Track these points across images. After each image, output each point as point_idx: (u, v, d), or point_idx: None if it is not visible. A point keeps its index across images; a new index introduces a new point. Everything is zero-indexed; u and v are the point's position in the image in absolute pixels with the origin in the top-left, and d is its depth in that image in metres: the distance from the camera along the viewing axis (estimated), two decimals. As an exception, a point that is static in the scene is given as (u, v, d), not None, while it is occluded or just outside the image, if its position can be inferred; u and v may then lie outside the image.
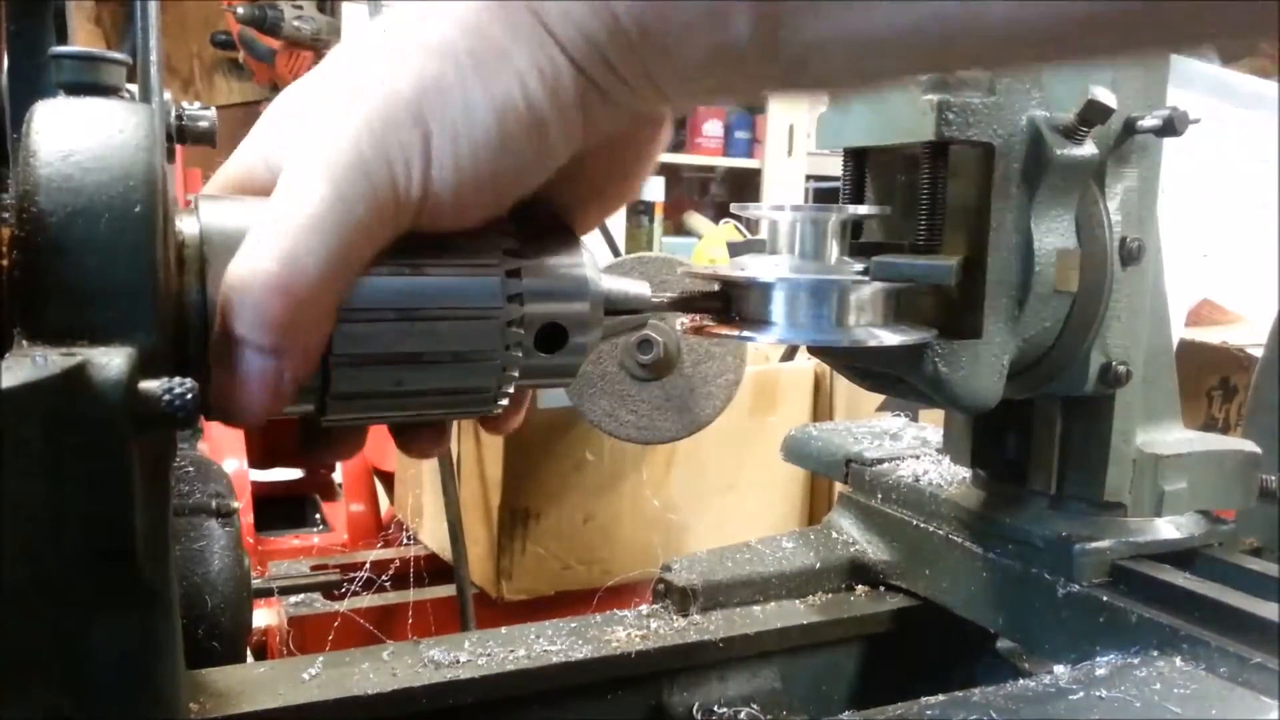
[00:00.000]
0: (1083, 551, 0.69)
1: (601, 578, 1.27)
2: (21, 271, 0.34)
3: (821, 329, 0.56)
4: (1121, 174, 0.69)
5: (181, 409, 0.32)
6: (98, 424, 0.31)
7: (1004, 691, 0.61)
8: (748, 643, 0.76)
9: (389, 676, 0.65)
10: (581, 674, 0.70)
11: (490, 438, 1.30)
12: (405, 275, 0.40)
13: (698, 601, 0.78)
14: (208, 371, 0.38)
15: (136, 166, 0.36)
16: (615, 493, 1.32)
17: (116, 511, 0.32)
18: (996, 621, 0.76)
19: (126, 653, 0.35)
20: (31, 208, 0.34)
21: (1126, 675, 0.61)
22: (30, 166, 0.35)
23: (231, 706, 0.61)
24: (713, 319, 0.57)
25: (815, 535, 0.88)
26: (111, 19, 3.30)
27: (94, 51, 0.40)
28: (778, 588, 0.82)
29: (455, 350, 0.42)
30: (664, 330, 0.93)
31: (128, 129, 0.37)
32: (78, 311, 0.34)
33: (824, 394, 1.46)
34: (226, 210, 0.41)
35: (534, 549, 1.30)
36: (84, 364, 0.31)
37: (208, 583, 0.71)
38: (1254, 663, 0.60)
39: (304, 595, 1.33)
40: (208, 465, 0.81)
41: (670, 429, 0.97)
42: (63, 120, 0.36)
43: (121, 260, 0.35)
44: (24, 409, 0.28)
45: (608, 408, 0.96)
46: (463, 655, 0.68)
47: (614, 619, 0.76)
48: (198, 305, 0.39)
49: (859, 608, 0.82)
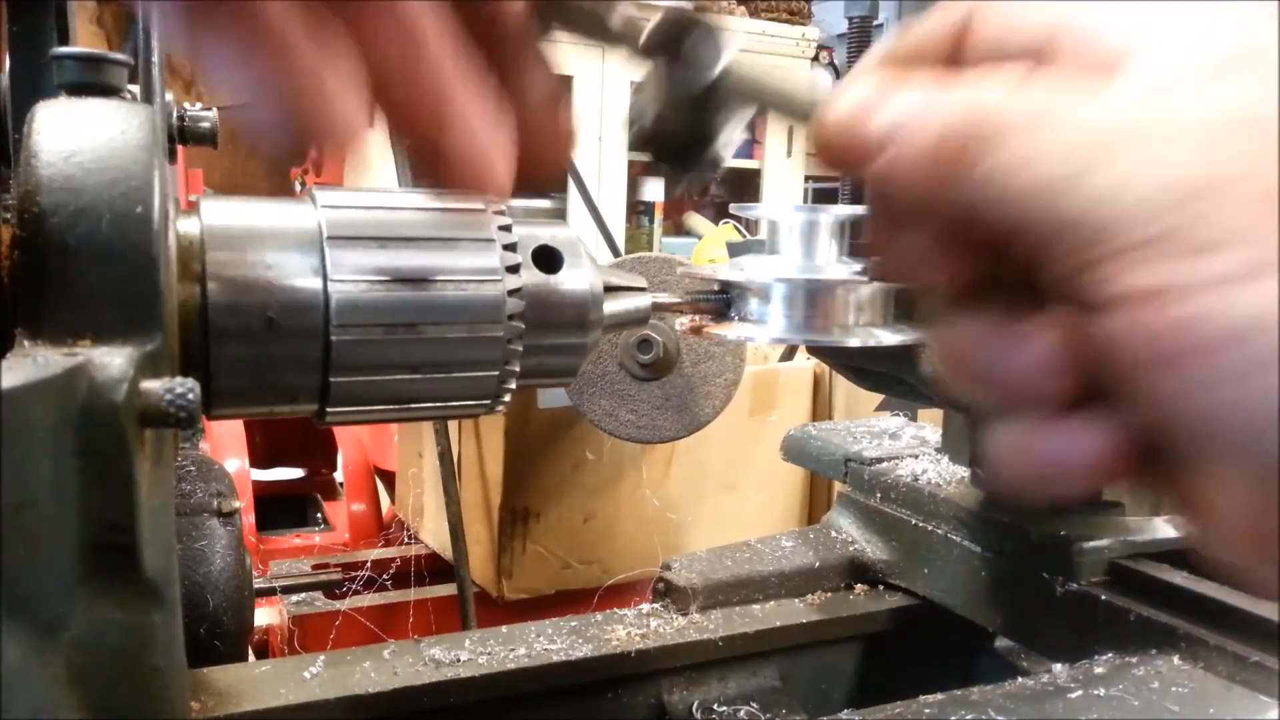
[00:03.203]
0: (1081, 550, 0.70)
1: (601, 577, 1.27)
2: (23, 272, 0.35)
3: (820, 329, 0.56)
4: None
5: (183, 408, 0.32)
6: (99, 424, 0.31)
7: (1002, 690, 0.61)
8: (747, 641, 0.76)
9: (390, 675, 0.65)
10: (582, 673, 0.70)
11: (490, 438, 1.30)
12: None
13: (697, 600, 0.78)
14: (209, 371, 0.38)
15: (138, 167, 0.36)
16: (615, 492, 1.33)
17: (119, 511, 0.33)
18: (995, 620, 0.76)
19: (128, 650, 0.35)
20: (33, 208, 0.35)
21: (1125, 674, 0.61)
22: (32, 167, 0.35)
23: (233, 705, 0.61)
24: (712, 319, 0.57)
25: (814, 534, 0.88)
26: (113, 20, 3.30)
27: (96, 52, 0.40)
28: (777, 587, 0.82)
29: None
30: (664, 330, 0.93)
31: (129, 130, 0.37)
32: (79, 312, 0.34)
33: (823, 394, 1.46)
34: (227, 210, 0.41)
35: (534, 548, 1.30)
36: (85, 364, 0.31)
37: (210, 582, 0.72)
38: (1252, 661, 0.60)
39: (305, 594, 1.33)
40: (209, 465, 0.81)
41: (670, 428, 0.98)
42: (64, 121, 0.36)
43: (123, 260, 0.35)
44: (25, 409, 0.29)
45: (608, 407, 0.96)
46: (463, 654, 0.68)
47: (614, 618, 0.76)
48: (199, 305, 0.39)
49: (858, 607, 0.82)
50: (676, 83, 0.33)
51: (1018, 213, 0.25)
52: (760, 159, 3.89)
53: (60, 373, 0.30)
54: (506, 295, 0.42)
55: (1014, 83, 0.26)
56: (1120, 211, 0.23)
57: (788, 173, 3.83)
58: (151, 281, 0.35)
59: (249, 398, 0.41)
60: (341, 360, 0.40)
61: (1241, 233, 0.23)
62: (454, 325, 0.42)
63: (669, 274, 0.90)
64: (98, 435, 0.31)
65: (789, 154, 3.86)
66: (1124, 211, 0.23)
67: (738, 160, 3.93)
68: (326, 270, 0.40)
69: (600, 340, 0.48)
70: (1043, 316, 0.27)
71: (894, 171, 0.27)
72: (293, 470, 2.25)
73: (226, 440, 1.76)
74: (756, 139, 3.92)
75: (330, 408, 0.42)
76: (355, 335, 0.40)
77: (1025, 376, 0.27)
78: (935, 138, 0.26)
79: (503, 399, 0.45)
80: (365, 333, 0.40)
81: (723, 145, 0.38)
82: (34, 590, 0.30)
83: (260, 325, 0.39)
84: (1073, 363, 0.27)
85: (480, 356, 0.43)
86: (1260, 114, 0.23)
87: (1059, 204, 0.24)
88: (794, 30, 3.77)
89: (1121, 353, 0.25)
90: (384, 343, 0.41)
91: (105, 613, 0.34)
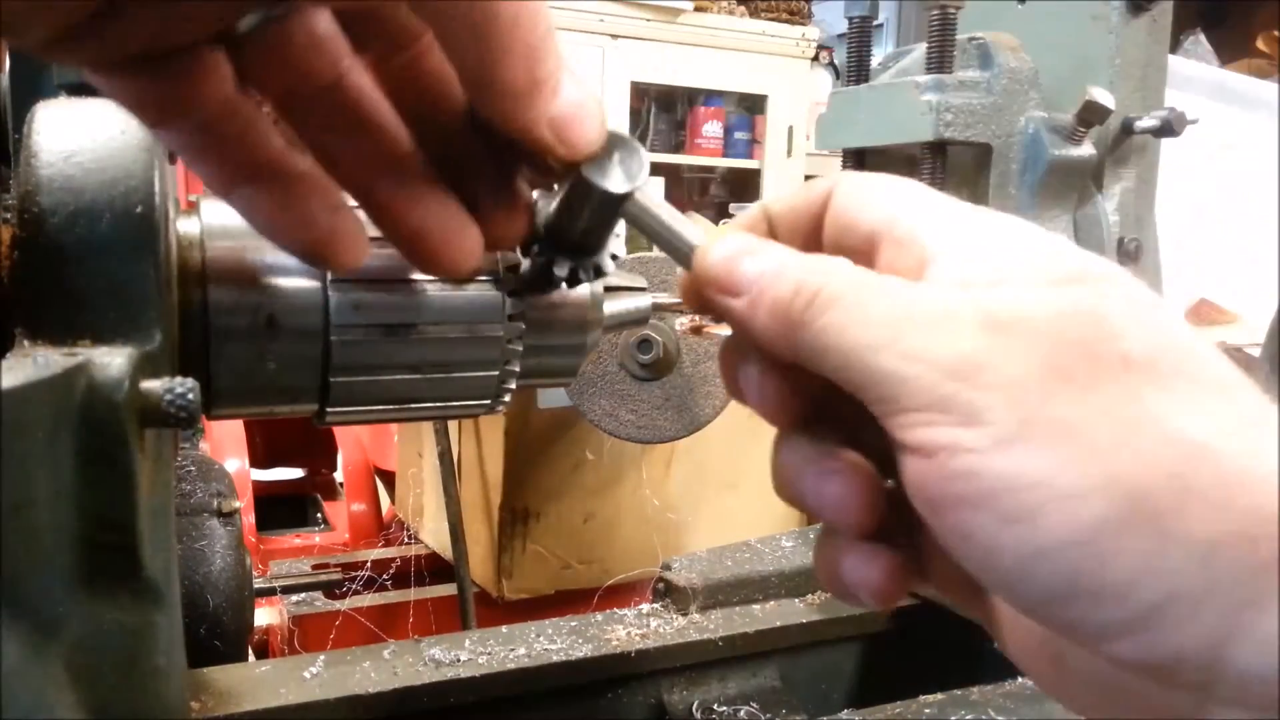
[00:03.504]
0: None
1: (601, 577, 1.27)
2: (23, 272, 0.35)
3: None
4: (1119, 174, 0.70)
5: (183, 408, 0.32)
6: (99, 423, 0.31)
7: (1002, 690, 0.61)
8: (747, 641, 0.76)
9: (390, 675, 0.65)
10: (582, 673, 0.70)
11: (490, 438, 1.30)
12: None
13: (697, 600, 0.78)
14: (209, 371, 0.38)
15: (137, 167, 0.36)
16: (615, 492, 1.33)
17: (119, 510, 0.33)
18: (995, 620, 0.76)
19: (128, 650, 0.35)
20: (33, 208, 0.35)
21: (1124, 674, 0.61)
22: (32, 167, 0.35)
23: (233, 705, 0.61)
24: (712, 319, 0.57)
25: (815, 534, 0.88)
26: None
27: (95, 53, 0.40)
28: (777, 587, 0.82)
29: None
30: (664, 330, 0.93)
31: (129, 130, 0.37)
32: (79, 311, 0.35)
33: (824, 394, 1.45)
34: (227, 210, 0.41)
35: (534, 548, 1.30)
36: (85, 364, 0.31)
37: (210, 582, 0.72)
38: (1252, 661, 0.60)
39: (305, 594, 1.33)
40: (209, 465, 0.81)
41: (670, 428, 0.98)
42: (64, 121, 0.37)
43: (122, 260, 0.35)
44: (25, 409, 0.29)
45: (608, 407, 0.96)
46: (463, 654, 0.68)
47: (614, 618, 0.76)
48: (199, 305, 0.39)
49: (858, 607, 0.82)
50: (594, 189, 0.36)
51: (840, 363, 0.31)
52: (760, 159, 3.89)
53: (60, 373, 0.30)
54: (506, 295, 0.42)
55: (848, 264, 0.32)
56: (911, 378, 0.29)
57: (787, 173, 3.83)
58: (151, 281, 0.35)
59: (249, 398, 0.41)
60: (341, 360, 0.40)
61: (990, 410, 0.28)
62: (454, 325, 0.42)
63: (669, 274, 0.90)
64: (98, 435, 0.31)
65: (789, 154, 3.86)
66: (913, 378, 0.29)
67: (738, 160, 3.93)
68: (326, 270, 0.40)
69: (600, 340, 0.48)
70: (848, 460, 0.34)
71: (753, 312, 0.33)
72: (293, 470, 2.25)
73: (226, 440, 1.76)
74: (756, 139, 3.92)
75: (330, 408, 0.42)
76: (355, 335, 0.40)
77: (827, 506, 0.34)
78: (788, 291, 0.32)
79: (503, 399, 0.45)
80: (365, 333, 0.40)
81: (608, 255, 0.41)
82: (34, 590, 0.30)
83: (260, 325, 0.39)
84: (870, 502, 0.33)
85: (480, 356, 0.43)
86: (1018, 315, 0.29)
87: (869, 363, 0.30)
88: (794, 30, 3.78)
89: (916, 492, 0.30)
90: (384, 343, 0.41)
91: (105, 613, 0.34)
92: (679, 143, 3.92)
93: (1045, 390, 0.28)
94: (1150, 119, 0.68)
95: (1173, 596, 0.27)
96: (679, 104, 3.92)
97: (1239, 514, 0.27)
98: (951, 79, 0.67)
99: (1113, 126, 0.68)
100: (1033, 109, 0.65)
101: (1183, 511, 0.27)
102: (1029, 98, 0.65)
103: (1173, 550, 0.27)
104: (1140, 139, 0.69)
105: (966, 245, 0.31)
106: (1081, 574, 0.27)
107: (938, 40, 0.76)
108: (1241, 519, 0.27)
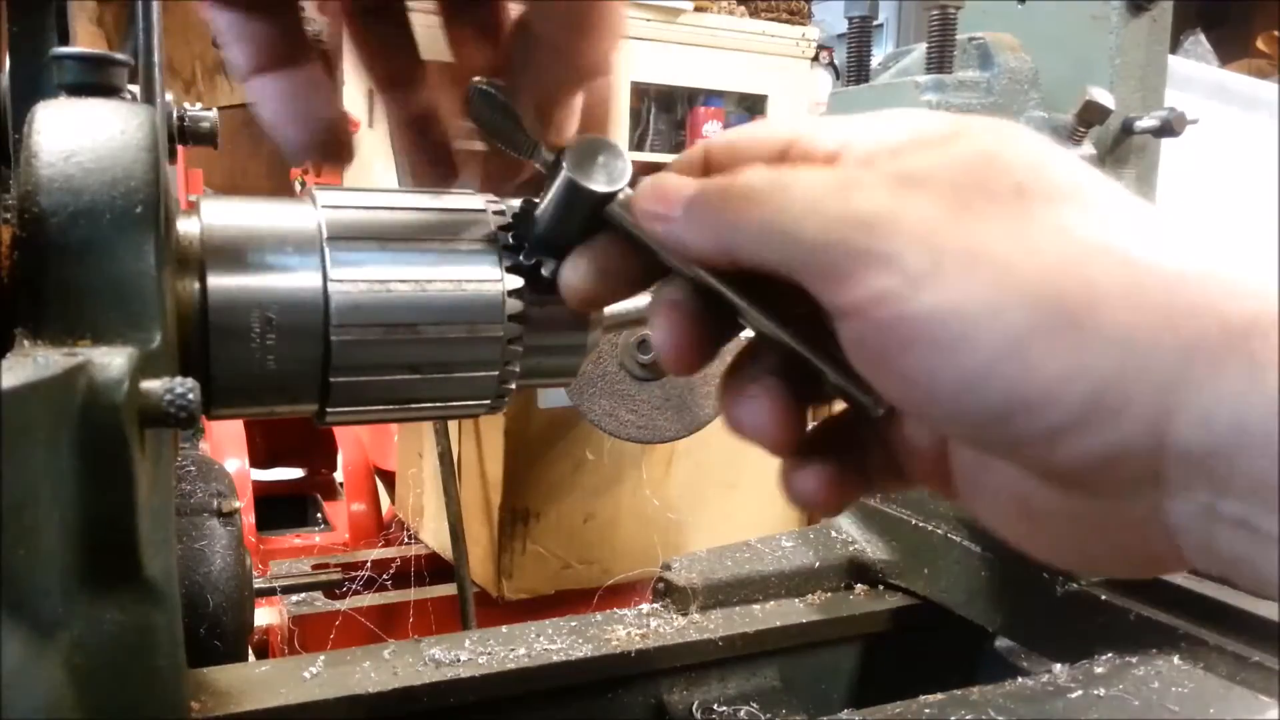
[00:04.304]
0: (1081, 550, 0.70)
1: (601, 577, 1.27)
2: (23, 272, 0.35)
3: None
4: (1119, 174, 0.70)
5: (183, 408, 0.32)
6: (99, 424, 0.31)
7: (1003, 690, 0.61)
8: (747, 641, 0.76)
9: (390, 675, 0.65)
10: (582, 673, 0.70)
11: (490, 438, 1.30)
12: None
13: (697, 600, 0.78)
14: (209, 371, 0.38)
15: (138, 167, 0.36)
16: (615, 492, 1.33)
17: (119, 510, 0.33)
18: (995, 620, 0.76)
19: (128, 650, 0.35)
20: (33, 208, 0.35)
21: (1125, 674, 0.62)
22: (32, 167, 0.35)
23: (233, 705, 0.61)
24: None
25: (815, 534, 0.88)
26: (113, 20, 3.30)
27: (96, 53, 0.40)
28: (777, 587, 0.82)
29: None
30: (664, 330, 0.93)
31: (129, 130, 0.37)
32: (79, 312, 0.35)
33: (824, 393, 1.45)
34: (227, 210, 0.41)
35: (534, 548, 1.30)
36: (85, 364, 0.31)
37: (209, 582, 0.72)
38: (1252, 661, 0.60)
39: (305, 594, 1.33)
40: (209, 465, 0.81)
41: (670, 428, 0.98)
42: (64, 121, 0.36)
43: (123, 260, 0.35)
44: (25, 409, 0.29)
45: (608, 407, 0.96)
46: (463, 654, 0.68)
47: (614, 618, 0.76)
48: (199, 305, 0.39)
49: (858, 607, 0.82)
50: (580, 190, 0.39)
51: (771, 245, 0.33)
52: (760, 159, 3.89)
53: (60, 373, 0.30)
54: (506, 295, 0.42)
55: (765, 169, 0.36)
56: (834, 242, 0.32)
57: (788, 173, 3.83)
58: (151, 282, 0.35)
59: (249, 398, 0.41)
60: (341, 360, 0.40)
61: (904, 254, 0.30)
62: (454, 325, 0.42)
63: (669, 274, 0.90)
64: (98, 435, 0.31)
65: (789, 154, 3.86)
66: (836, 242, 0.32)
67: (738, 160, 3.93)
68: (326, 270, 0.40)
69: (600, 340, 0.48)
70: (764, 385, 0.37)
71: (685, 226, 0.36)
72: (293, 470, 2.25)
73: (226, 440, 1.76)
74: (756, 139, 3.92)
75: (330, 408, 0.42)
76: (355, 335, 0.40)
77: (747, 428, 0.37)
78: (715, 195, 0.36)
79: (503, 399, 0.45)
80: (365, 333, 0.40)
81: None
82: (34, 590, 0.30)
83: (260, 325, 0.39)
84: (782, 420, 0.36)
85: (480, 356, 0.43)
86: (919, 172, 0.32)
87: (795, 237, 0.33)
88: (794, 30, 3.77)
89: (858, 354, 0.32)
90: (384, 343, 0.41)
91: (105, 613, 0.34)
92: (679, 143, 3.91)
93: (951, 226, 0.31)
94: (1150, 119, 0.68)
95: (1100, 389, 0.28)
96: (679, 104, 3.92)
97: (1152, 306, 0.28)
98: (951, 79, 0.67)
99: (1113, 126, 0.68)
100: (1033, 109, 0.65)
101: (1096, 309, 0.28)
102: (1029, 98, 0.65)
103: (1093, 345, 0.28)
104: (1140, 139, 0.69)
105: (863, 135, 0.35)
106: (1014, 386, 0.29)
107: (938, 40, 0.76)
108: (1156, 309, 0.28)
